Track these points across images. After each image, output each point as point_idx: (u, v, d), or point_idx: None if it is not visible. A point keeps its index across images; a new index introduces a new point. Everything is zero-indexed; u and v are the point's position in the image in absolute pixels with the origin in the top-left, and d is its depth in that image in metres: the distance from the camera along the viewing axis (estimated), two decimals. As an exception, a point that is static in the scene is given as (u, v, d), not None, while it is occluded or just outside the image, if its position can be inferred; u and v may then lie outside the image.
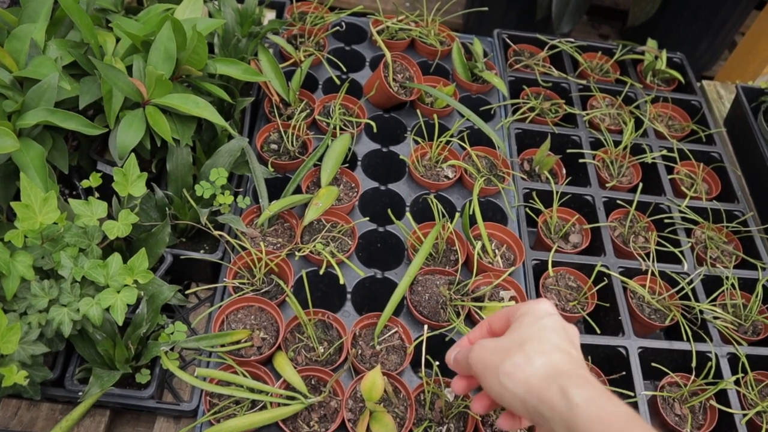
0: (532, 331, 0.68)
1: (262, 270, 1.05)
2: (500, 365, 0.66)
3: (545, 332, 0.67)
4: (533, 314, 0.70)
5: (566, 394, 0.60)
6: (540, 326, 0.68)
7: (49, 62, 0.99)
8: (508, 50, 1.63)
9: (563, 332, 0.68)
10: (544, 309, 0.70)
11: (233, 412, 0.92)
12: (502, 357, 0.67)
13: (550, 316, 0.69)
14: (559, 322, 0.69)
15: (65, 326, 0.84)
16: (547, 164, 1.35)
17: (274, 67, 1.27)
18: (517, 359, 0.65)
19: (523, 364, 0.64)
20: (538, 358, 0.64)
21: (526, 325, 0.69)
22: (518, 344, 0.67)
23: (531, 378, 0.63)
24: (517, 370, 0.64)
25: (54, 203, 0.85)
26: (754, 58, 2.21)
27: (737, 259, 1.31)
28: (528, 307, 0.71)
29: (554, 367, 0.63)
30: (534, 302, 0.72)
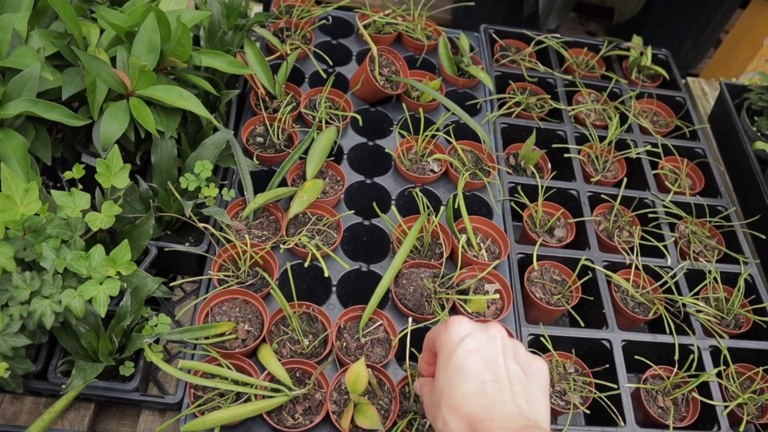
0: (444, 381, 0.66)
1: (247, 263, 1.04)
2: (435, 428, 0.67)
3: (455, 377, 0.65)
4: (445, 352, 0.68)
5: None
6: (450, 370, 0.66)
7: (31, 52, 0.98)
8: (495, 45, 1.64)
9: (475, 357, 0.66)
10: (454, 337, 0.68)
11: (218, 404, 0.92)
12: (433, 419, 0.68)
13: (461, 344, 0.67)
14: (471, 346, 0.67)
15: (47, 318, 0.83)
16: (533, 159, 1.35)
17: (260, 59, 1.27)
18: (439, 425, 0.66)
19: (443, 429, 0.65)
20: (451, 420, 0.64)
21: (441, 370, 0.68)
22: (437, 404, 0.66)
23: None
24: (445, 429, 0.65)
25: (36, 194, 0.85)
26: (738, 55, 2.23)
27: (720, 254, 1.32)
28: (442, 340, 0.70)
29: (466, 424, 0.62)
30: (446, 332, 0.69)
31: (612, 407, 1.05)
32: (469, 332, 0.68)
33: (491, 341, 0.67)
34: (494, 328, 0.69)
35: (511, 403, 0.63)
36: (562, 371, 1.09)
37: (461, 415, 0.62)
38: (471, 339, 0.67)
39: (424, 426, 0.95)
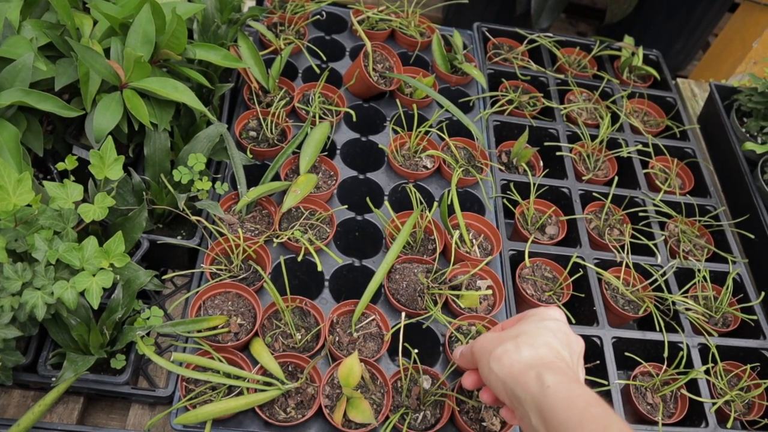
0: (530, 327, 0.73)
1: (239, 256, 1.04)
2: (493, 350, 0.72)
3: (542, 330, 0.73)
4: (540, 315, 0.76)
5: (540, 378, 0.66)
6: (540, 325, 0.73)
7: (24, 42, 0.97)
8: (488, 43, 1.64)
9: (562, 336, 0.73)
10: (552, 314, 0.76)
11: (210, 397, 0.92)
12: (497, 344, 0.73)
13: (555, 320, 0.75)
14: (563, 328, 0.74)
15: (39, 310, 0.82)
16: (525, 156, 1.36)
17: (253, 54, 1.26)
18: (507, 346, 0.71)
19: (511, 350, 0.71)
20: (525, 349, 0.70)
21: (530, 322, 0.75)
22: (514, 335, 0.73)
23: (515, 363, 0.69)
24: (505, 355, 0.70)
25: (28, 184, 0.84)
26: (727, 58, 2.25)
27: (709, 253, 1.33)
28: (538, 309, 0.78)
29: (538, 358, 0.69)
30: (545, 308, 0.78)
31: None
32: (565, 321, 0.76)
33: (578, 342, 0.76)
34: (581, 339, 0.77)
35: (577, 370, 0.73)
36: (553, 367, 1.09)
37: (537, 350, 0.70)
38: (565, 326, 0.75)
39: (416, 420, 0.95)
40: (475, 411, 0.97)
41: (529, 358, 0.69)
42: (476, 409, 0.97)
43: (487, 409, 0.97)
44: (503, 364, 0.70)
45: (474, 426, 0.96)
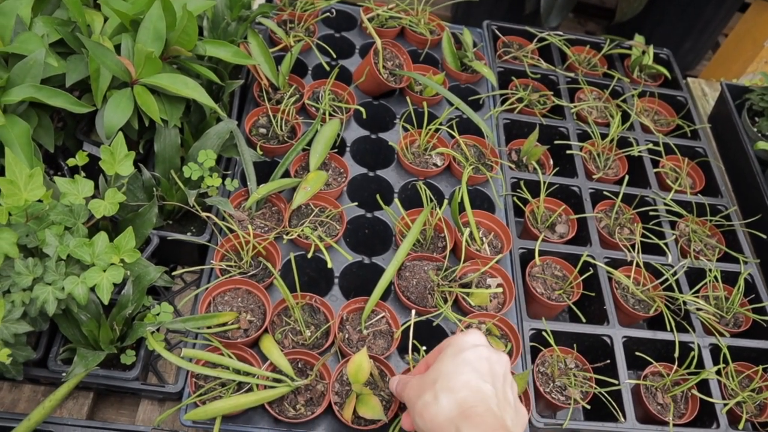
0: (448, 367, 0.70)
1: (249, 253, 1.04)
2: (415, 403, 0.70)
3: (461, 366, 0.69)
4: (456, 345, 0.72)
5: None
6: (458, 360, 0.70)
7: (35, 38, 0.97)
8: (497, 42, 1.64)
9: (482, 364, 0.70)
10: (469, 340, 0.72)
11: (219, 394, 0.92)
12: (418, 394, 0.70)
13: (473, 348, 0.71)
14: (483, 353, 0.71)
15: (50, 305, 0.82)
16: (535, 154, 1.35)
17: (263, 51, 1.26)
18: (426, 398, 0.69)
19: (431, 402, 0.68)
20: (444, 397, 0.67)
21: (447, 357, 0.72)
22: (432, 381, 0.70)
23: (435, 418, 0.67)
24: (425, 409, 0.68)
25: (40, 180, 0.84)
26: (738, 57, 2.24)
27: (720, 253, 1.32)
28: (455, 339, 0.74)
29: (457, 406, 0.66)
30: (462, 334, 0.74)
31: (612, 403, 1.05)
32: (484, 344, 0.72)
33: (500, 362, 0.72)
34: (504, 355, 0.74)
35: (500, 416, 0.66)
36: (563, 366, 1.09)
37: (455, 396, 0.66)
38: (485, 349, 0.71)
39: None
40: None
41: (448, 409, 0.66)
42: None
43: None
44: (425, 419, 0.68)
45: (484, 424, 0.95)
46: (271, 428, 0.91)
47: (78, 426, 0.90)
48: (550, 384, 1.07)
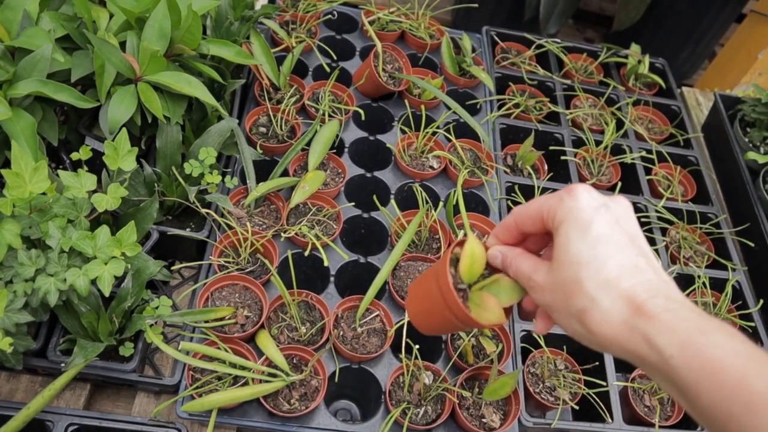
0: (583, 252, 0.52)
1: (247, 249, 1.06)
2: (567, 310, 0.54)
3: (600, 247, 0.52)
4: (577, 221, 0.54)
5: (653, 344, 0.48)
6: (590, 240, 0.52)
7: (42, 33, 0.99)
8: (496, 47, 1.66)
9: (620, 232, 0.53)
10: (587, 206, 0.54)
11: (215, 387, 0.93)
12: (564, 299, 0.54)
13: (597, 214, 0.53)
14: (609, 217, 0.53)
15: (51, 296, 0.84)
16: (530, 159, 1.38)
17: (265, 51, 1.28)
18: (580, 303, 0.52)
19: (590, 309, 0.51)
20: (604, 297, 0.51)
21: (574, 240, 0.53)
22: (575, 280, 0.53)
23: (604, 327, 0.51)
24: (585, 317, 0.52)
25: (44, 173, 0.86)
26: (733, 68, 2.27)
27: (709, 260, 1.35)
28: (567, 210, 0.54)
29: (628, 303, 0.50)
30: (570, 199, 0.54)
31: (600, 404, 1.07)
32: (602, 202, 0.54)
33: (627, 213, 0.56)
34: (623, 199, 0.57)
35: (670, 282, 0.52)
36: (553, 368, 1.11)
37: (618, 290, 0.50)
38: (606, 210, 0.54)
39: (417, 416, 0.97)
40: (476, 407, 0.99)
41: (617, 311, 0.50)
42: (476, 405, 0.99)
43: (488, 405, 0.99)
44: (592, 331, 0.51)
45: (474, 422, 0.97)
46: (265, 422, 0.93)
47: (75, 416, 0.92)
48: (540, 384, 1.09)
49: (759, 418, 0.41)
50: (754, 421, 0.41)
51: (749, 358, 0.43)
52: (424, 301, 0.65)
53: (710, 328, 0.46)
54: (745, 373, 0.42)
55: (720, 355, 0.44)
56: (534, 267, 0.58)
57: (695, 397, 0.45)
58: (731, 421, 0.42)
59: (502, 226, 0.62)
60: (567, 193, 0.55)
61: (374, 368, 1.01)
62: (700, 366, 0.44)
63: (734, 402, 0.42)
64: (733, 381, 0.42)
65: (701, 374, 0.44)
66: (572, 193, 0.55)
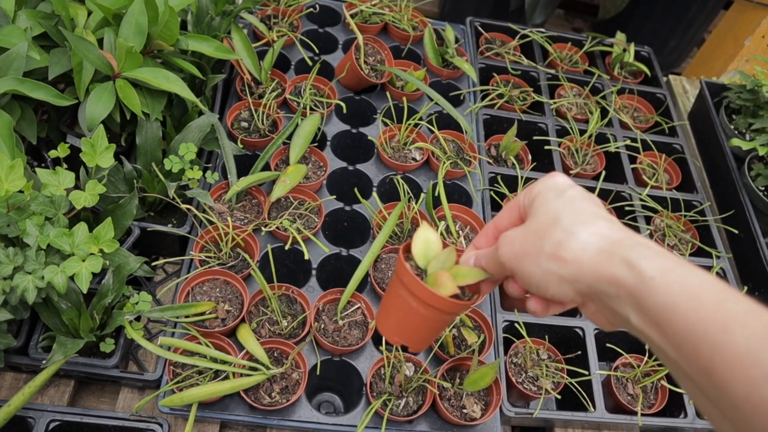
0: (560, 205, 0.54)
1: (228, 244, 1.06)
2: (538, 250, 0.53)
3: (576, 203, 0.54)
4: (553, 189, 0.56)
5: (632, 266, 0.48)
6: (567, 198, 0.55)
7: (18, 31, 0.99)
8: (480, 38, 1.66)
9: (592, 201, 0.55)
10: (564, 182, 0.56)
11: (196, 381, 0.94)
12: (537, 241, 0.54)
13: (572, 187, 0.56)
14: (586, 192, 0.56)
15: (30, 293, 0.84)
16: (514, 150, 1.38)
17: (246, 45, 1.28)
18: (556, 236, 0.52)
19: (565, 240, 0.52)
20: (581, 231, 0.51)
21: (551, 200, 0.55)
22: (551, 221, 0.54)
23: (580, 254, 0.51)
24: (561, 248, 0.52)
25: (21, 171, 0.86)
26: (720, 55, 2.26)
27: (694, 247, 1.35)
28: (543, 184, 0.57)
29: (604, 237, 0.51)
30: (547, 177, 0.58)
31: (583, 393, 1.08)
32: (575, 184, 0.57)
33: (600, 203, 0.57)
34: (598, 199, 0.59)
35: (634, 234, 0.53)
36: (536, 357, 1.11)
37: (596, 228, 0.51)
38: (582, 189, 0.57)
39: (398, 407, 0.97)
40: (457, 398, 0.99)
41: (594, 241, 0.50)
42: (458, 396, 1.00)
43: (469, 395, 1.00)
44: (564, 260, 0.51)
45: (455, 413, 0.98)
46: (246, 415, 0.94)
47: (57, 412, 0.92)
48: (523, 374, 1.09)
49: (734, 336, 0.41)
50: (727, 339, 0.42)
51: (727, 288, 0.45)
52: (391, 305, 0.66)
53: (688, 264, 0.47)
54: (723, 298, 0.44)
55: (700, 281, 0.45)
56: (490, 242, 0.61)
57: (669, 320, 0.45)
58: (704, 341, 0.43)
59: (482, 233, 0.64)
60: (543, 179, 0.58)
61: (355, 360, 1.02)
62: (681, 288, 0.45)
63: (710, 322, 0.43)
64: (711, 303, 0.43)
65: (681, 295, 0.45)
66: (549, 175, 0.58)
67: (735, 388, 0.41)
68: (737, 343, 0.41)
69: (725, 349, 0.41)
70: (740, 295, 0.44)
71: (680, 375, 0.46)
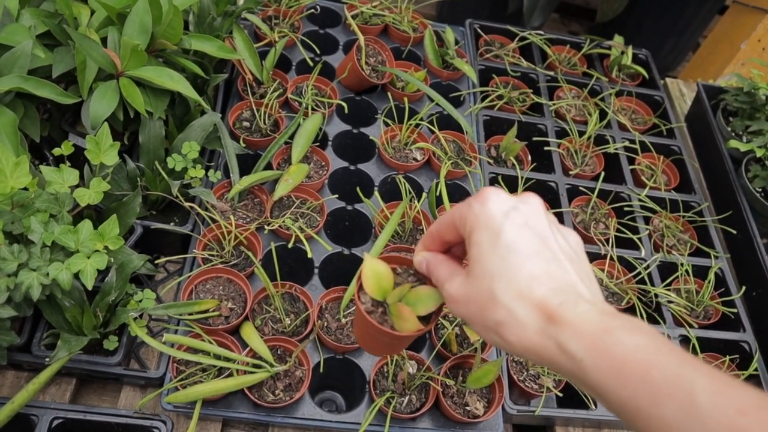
0: (494, 264, 0.52)
1: (231, 243, 1.06)
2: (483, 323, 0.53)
3: (510, 257, 0.52)
4: (486, 229, 0.53)
5: (565, 350, 0.48)
6: (500, 250, 0.52)
7: (22, 30, 0.99)
8: (479, 40, 1.67)
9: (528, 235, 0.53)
10: (497, 212, 0.53)
11: (200, 379, 0.94)
12: (480, 313, 0.54)
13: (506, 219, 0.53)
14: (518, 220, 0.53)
15: (34, 290, 0.84)
16: (513, 150, 1.39)
17: (248, 46, 1.28)
18: (496, 316, 0.52)
19: (506, 322, 0.51)
20: (519, 308, 0.51)
21: (486, 252, 0.53)
22: (488, 293, 0.52)
23: (522, 339, 0.51)
24: (501, 329, 0.52)
25: (26, 168, 0.86)
26: (716, 59, 2.28)
27: (692, 247, 1.36)
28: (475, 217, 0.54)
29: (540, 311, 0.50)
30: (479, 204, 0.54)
31: (583, 391, 1.08)
32: (511, 205, 0.54)
33: (537, 213, 0.55)
34: (533, 197, 0.57)
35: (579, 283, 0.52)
36: (537, 356, 1.12)
37: (531, 300, 0.51)
38: (516, 213, 0.54)
39: (401, 404, 0.98)
40: (460, 395, 1.00)
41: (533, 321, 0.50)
42: (460, 393, 1.00)
43: (471, 393, 1.00)
44: (510, 342, 0.52)
45: (458, 410, 0.98)
46: (250, 413, 0.94)
47: (60, 409, 0.92)
48: (524, 373, 1.10)
49: (662, 409, 0.42)
50: (658, 413, 0.42)
51: (652, 351, 0.44)
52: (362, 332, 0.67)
53: (615, 326, 0.46)
54: (648, 366, 0.43)
55: (624, 352, 0.45)
56: (451, 275, 0.57)
57: (606, 396, 0.46)
58: (638, 414, 0.44)
59: (428, 234, 0.62)
60: (475, 199, 0.55)
61: (358, 358, 1.02)
62: (608, 366, 0.45)
63: (639, 396, 0.43)
64: (637, 376, 0.44)
65: (609, 373, 0.45)
66: (480, 198, 0.55)
67: None
68: (665, 415, 0.42)
69: (657, 421, 0.42)
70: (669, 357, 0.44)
71: None
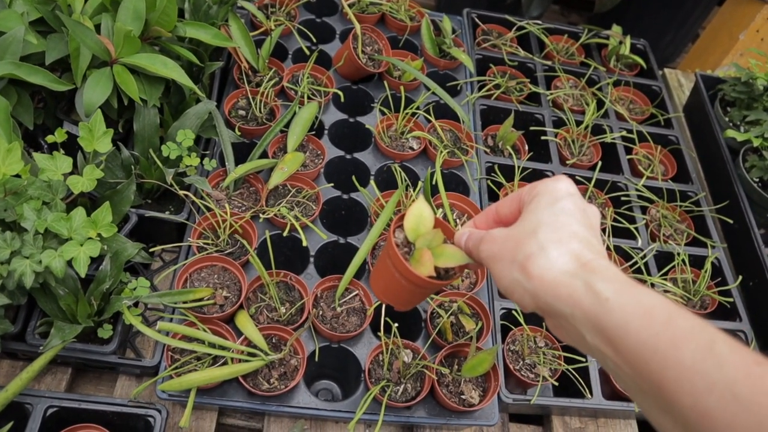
0: (546, 216, 0.57)
1: (226, 231, 1.06)
2: (512, 258, 0.57)
3: (562, 216, 0.57)
4: (550, 194, 0.59)
5: (592, 288, 0.51)
6: (556, 209, 0.58)
7: (14, 16, 0.98)
8: (477, 29, 1.66)
9: (583, 216, 0.58)
10: (563, 189, 0.59)
11: (194, 367, 0.94)
12: (513, 247, 0.58)
13: (569, 197, 0.59)
14: (580, 204, 0.59)
15: (27, 278, 0.84)
16: (510, 140, 1.38)
17: (244, 34, 1.28)
18: (529, 249, 0.56)
19: (537, 255, 0.55)
20: (553, 249, 0.55)
21: (541, 207, 0.58)
22: (531, 231, 0.57)
23: (545, 272, 0.54)
24: (530, 262, 0.55)
25: (18, 154, 0.85)
26: (714, 50, 2.27)
27: (689, 237, 1.36)
28: (544, 186, 0.60)
29: (573, 258, 0.54)
30: (551, 180, 0.61)
31: (580, 380, 1.08)
32: (578, 193, 0.60)
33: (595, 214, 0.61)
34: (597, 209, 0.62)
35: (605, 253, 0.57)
36: (533, 345, 1.12)
37: (568, 248, 0.54)
38: (580, 199, 0.60)
39: (397, 393, 0.97)
40: (455, 384, 1.00)
41: (562, 262, 0.54)
42: (456, 382, 1.00)
43: (467, 382, 1.00)
44: (531, 274, 0.54)
45: (453, 399, 0.98)
46: (245, 401, 0.94)
47: (55, 398, 0.92)
48: (520, 362, 1.10)
49: (682, 351, 0.44)
50: (676, 354, 0.44)
51: (677, 307, 0.48)
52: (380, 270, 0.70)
53: (642, 286, 0.50)
54: (672, 313, 0.46)
55: (652, 301, 0.48)
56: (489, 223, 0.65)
57: (623, 337, 0.48)
58: (655, 356, 0.45)
59: (483, 213, 0.67)
60: (549, 178, 0.61)
61: (354, 347, 1.02)
62: (633, 307, 0.48)
63: (660, 338, 0.46)
64: (662, 320, 0.46)
65: (633, 314, 0.47)
66: (554, 177, 0.61)
67: (682, 399, 0.43)
68: (684, 357, 0.44)
69: (673, 363, 0.44)
70: (689, 313, 0.47)
71: (635, 390, 0.49)
